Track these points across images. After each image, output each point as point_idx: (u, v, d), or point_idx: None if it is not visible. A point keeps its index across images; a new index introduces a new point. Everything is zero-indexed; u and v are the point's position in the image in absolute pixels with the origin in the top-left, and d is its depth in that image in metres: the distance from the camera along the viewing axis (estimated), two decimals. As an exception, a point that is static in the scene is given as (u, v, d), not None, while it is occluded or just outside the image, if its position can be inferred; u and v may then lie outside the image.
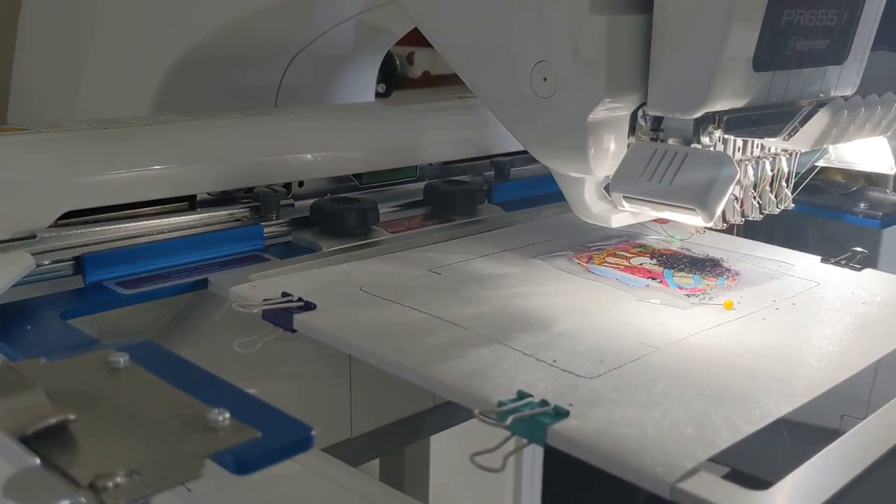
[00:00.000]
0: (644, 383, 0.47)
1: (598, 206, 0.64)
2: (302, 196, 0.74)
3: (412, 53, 1.40)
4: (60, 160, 0.62)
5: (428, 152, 0.82)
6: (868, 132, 0.63)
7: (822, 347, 0.54)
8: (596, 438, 0.41)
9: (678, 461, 0.39)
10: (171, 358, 0.45)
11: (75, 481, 0.32)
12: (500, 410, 0.42)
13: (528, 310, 0.57)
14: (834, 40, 0.60)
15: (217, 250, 0.65)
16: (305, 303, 0.55)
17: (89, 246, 0.61)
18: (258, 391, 0.42)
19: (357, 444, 0.76)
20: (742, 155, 0.61)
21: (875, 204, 0.81)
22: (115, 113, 0.79)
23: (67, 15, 0.93)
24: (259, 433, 0.37)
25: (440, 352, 0.50)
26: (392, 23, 0.91)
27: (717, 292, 0.62)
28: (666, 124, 0.58)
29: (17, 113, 0.99)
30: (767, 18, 0.54)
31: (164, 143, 0.68)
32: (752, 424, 0.43)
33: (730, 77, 0.54)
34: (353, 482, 0.49)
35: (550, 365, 0.49)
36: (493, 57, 0.60)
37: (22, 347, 0.49)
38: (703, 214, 0.54)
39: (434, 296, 0.58)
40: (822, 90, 0.62)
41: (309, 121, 0.78)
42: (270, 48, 0.88)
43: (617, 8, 0.54)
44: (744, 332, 0.55)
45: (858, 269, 0.68)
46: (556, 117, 0.57)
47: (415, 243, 0.70)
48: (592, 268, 0.66)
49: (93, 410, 0.38)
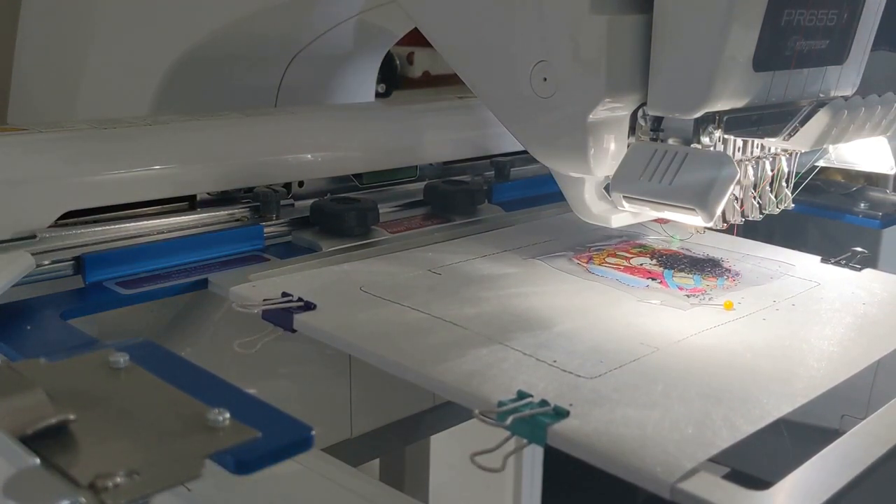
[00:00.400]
0: (644, 383, 0.47)
1: (598, 206, 0.64)
2: (302, 196, 0.74)
3: (412, 53, 1.40)
4: (60, 160, 0.62)
5: (428, 152, 0.82)
6: (868, 132, 0.63)
7: (822, 347, 0.54)
8: (596, 438, 0.41)
9: (678, 461, 0.39)
10: (171, 358, 0.45)
11: (75, 481, 0.32)
12: (500, 410, 0.42)
13: (528, 310, 0.57)
14: (834, 40, 0.60)
15: (217, 250, 0.65)
16: (305, 303, 0.55)
17: (89, 246, 0.61)
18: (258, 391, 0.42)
19: (357, 444, 0.76)
20: (742, 155, 0.61)
21: (875, 204, 0.81)
22: (115, 113, 0.79)
23: (67, 15, 0.93)
24: (259, 433, 0.37)
25: (440, 352, 0.50)
26: (392, 23, 0.91)
27: (717, 293, 0.62)
28: (666, 124, 0.58)
29: (17, 113, 0.99)
30: (767, 18, 0.54)
31: (164, 143, 0.67)
32: (752, 424, 0.43)
33: (730, 77, 0.54)
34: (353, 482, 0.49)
35: (550, 365, 0.49)
36: (493, 57, 0.60)
37: (22, 347, 0.49)
38: (703, 214, 0.54)
39: (434, 296, 0.58)
40: (822, 90, 0.62)
41: (309, 121, 0.78)
42: (270, 48, 0.88)
43: (617, 8, 0.54)
44: (744, 333, 0.55)
45: (858, 269, 0.68)
46: (556, 117, 0.57)
47: (415, 243, 0.70)
48: (592, 268, 0.66)
49: (93, 410, 0.38)
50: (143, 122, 0.70)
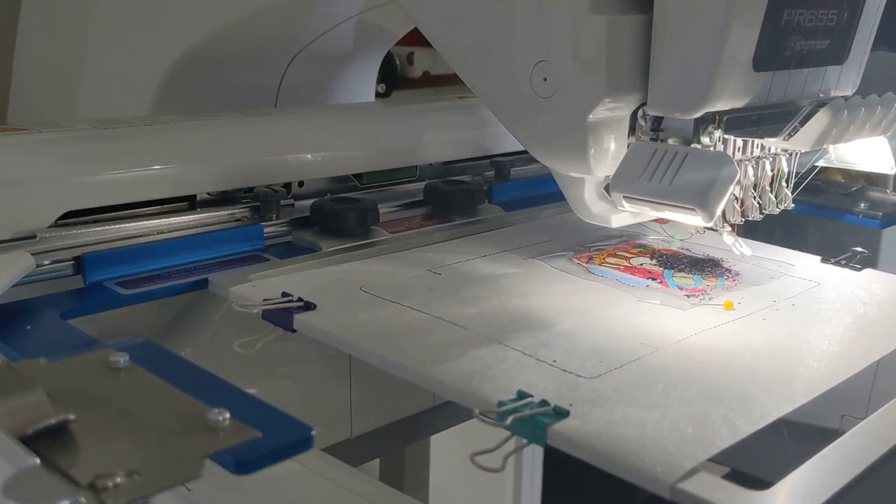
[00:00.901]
0: (644, 383, 0.47)
1: (598, 206, 0.64)
2: (302, 196, 0.74)
3: (412, 53, 1.40)
4: (60, 160, 0.62)
5: (428, 152, 0.82)
6: (868, 132, 0.63)
7: (822, 347, 0.54)
8: (596, 438, 0.41)
9: (678, 461, 0.39)
10: (171, 358, 0.45)
11: (75, 481, 0.32)
12: (500, 410, 0.42)
13: (528, 310, 0.57)
14: (834, 40, 0.60)
15: (217, 250, 0.65)
16: (305, 303, 0.55)
17: (89, 246, 0.61)
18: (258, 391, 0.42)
19: (357, 444, 0.76)
20: (742, 155, 0.61)
21: (875, 204, 0.81)
22: (115, 113, 0.79)
23: (67, 15, 0.93)
24: (259, 433, 0.37)
25: (440, 352, 0.50)
26: (392, 23, 0.91)
27: (717, 293, 0.62)
28: (666, 124, 0.58)
29: (17, 113, 0.99)
30: (767, 18, 0.54)
31: (164, 143, 0.67)
32: (752, 424, 0.43)
33: (730, 77, 0.54)
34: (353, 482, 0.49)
35: (550, 365, 0.49)
36: (493, 57, 0.60)
37: (22, 347, 0.49)
38: (703, 214, 0.54)
39: (434, 296, 0.58)
40: (822, 90, 0.62)
41: (309, 121, 0.78)
42: (270, 48, 0.88)
43: (617, 8, 0.54)
44: (744, 333, 0.55)
45: (858, 269, 0.68)
46: (556, 117, 0.57)
47: (415, 243, 0.70)
48: (592, 268, 0.66)
49: (93, 410, 0.38)
50: (143, 122, 0.70)
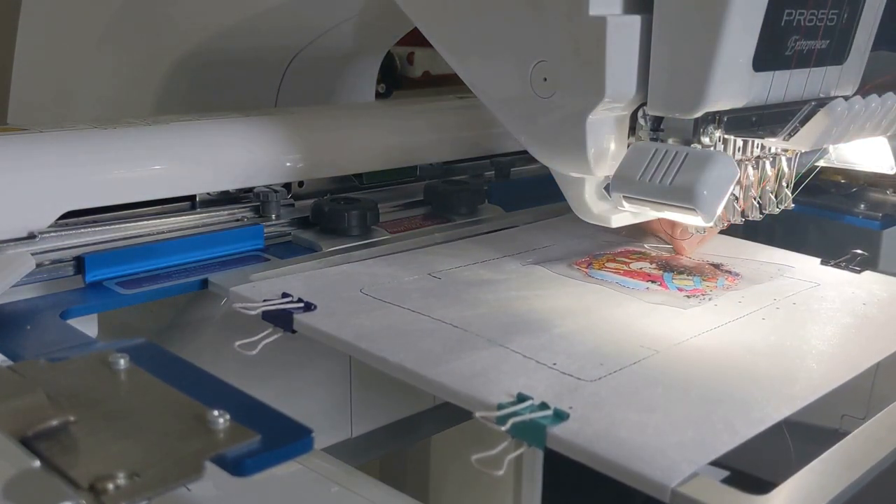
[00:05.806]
0: (644, 386, 0.47)
1: (598, 206, 0.64)
2: (302, 196, 0.74)
3: (412, 53, 1.40)
4: (60, 160, 0.62)
5: (428, 152, 0.82)
6: (868, 132, 0.63)
7: (823, 349, 0.54)
8: (596, 442, 0.41)
9: (678, 465, 0.39)
10: (171, 358, 0.45)
11: (75, 483, 0.32)
12: (499, 413, 0.42)
13: (528, 312, 0.57)
14: (834, 40, 0.60)
15: (217, 250, 0.65)
16: (305, 303, 0.55)
17: (89, 246, 0.61)
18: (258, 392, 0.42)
19: (357, 444, 0.76)
20: (742, 155, 0.61)
21: (875, 205, 0.81)
22: (115, 113, 0.78)
23: (67, 16, 0.92)
24: (259, 435, 0.37)
25: (440, 354, 0.50)
26: (392, 23, 0.91)
27: (717, 293, 0.62)
28: (666, 124, 0.58)
29: (17, 113, 0.99)
30: (767, 18, 0.54)
31: (164, 143, 0.67)
32: (752, 427, 0.43)
33: (729, 77, 0.54)
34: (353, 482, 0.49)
35: (550, 367, 0.48)
36: (492, 57, 0.60)
37: (22, 347, 0.49)
38: (703, 214, 0.54)
39: (434, 298, 0.58)
40: (822, 90, 0.61)
41: (309, 121, 0.78)
42: (270, 49, 0.88)
43: (617, 8, 0.54)
44: (744, 334, 0.55)
45: (858, 271, 0.68)
46: (556, 117, 0.57)
47: (415, 243, 0.70)
48: (592, 272, 0.66)
49: (93, 411, 0.38)
50: (143, 122, 0.69)
